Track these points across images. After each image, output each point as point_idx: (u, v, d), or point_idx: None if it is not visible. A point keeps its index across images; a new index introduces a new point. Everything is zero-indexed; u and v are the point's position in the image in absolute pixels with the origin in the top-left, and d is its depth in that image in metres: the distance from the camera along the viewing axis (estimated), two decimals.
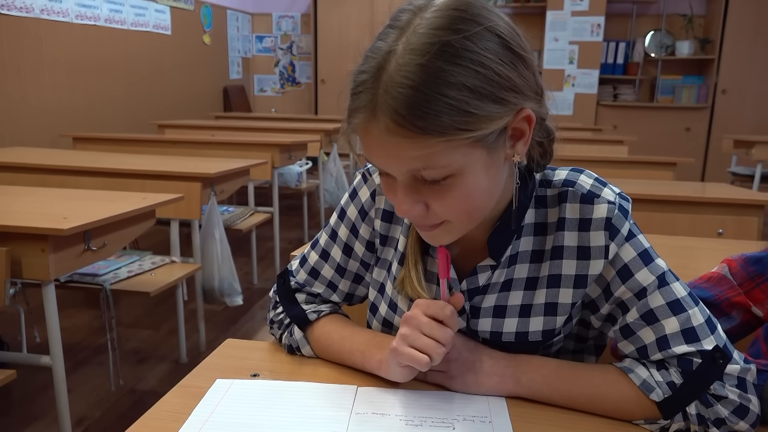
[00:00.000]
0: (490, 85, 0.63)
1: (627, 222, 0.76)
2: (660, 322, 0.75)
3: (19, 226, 1.56)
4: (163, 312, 3.12)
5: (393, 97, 0.62)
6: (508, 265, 0.80)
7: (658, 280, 0.75)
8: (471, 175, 0.67)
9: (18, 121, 3.81)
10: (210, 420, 0.74)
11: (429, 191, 0.68)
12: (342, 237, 0.93)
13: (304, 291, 0.96)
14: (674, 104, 6.51)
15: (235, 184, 2.90)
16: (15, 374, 1.57)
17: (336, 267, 0.94)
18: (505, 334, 0.83)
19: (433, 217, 0.71)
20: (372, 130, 0.65)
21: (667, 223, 1.94)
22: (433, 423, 0.74)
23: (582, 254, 0.78)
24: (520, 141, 0.70)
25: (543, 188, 0.80)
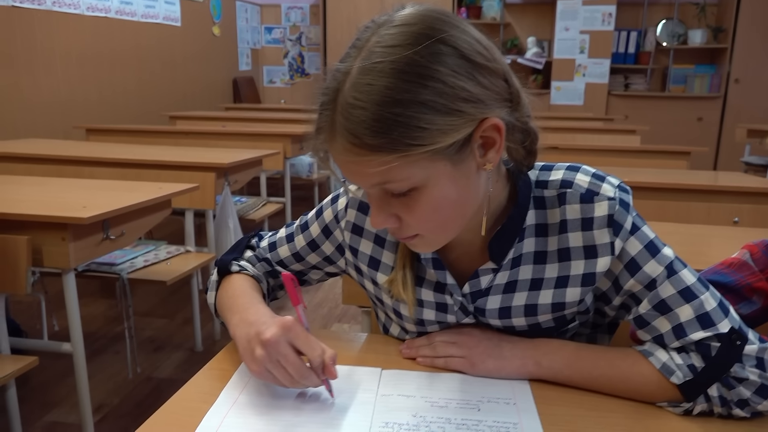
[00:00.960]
0: (441, 98, 0.62)
1: (629, 215, 0.76)
2: (674, 311, 0.76)
3: (39, 215, 1.58)
4: (177, 301, 3.15)
5: (346, 119, 0.63)
6: (511, 267, 0.81)
7: (667, 269, 0.76)
8: (436, 188, 0.67)
9: (32, 113, 3.84)
10: (238, 401, 0.75)
11: (398, 204, 0.69)
12: (312, 233, 0.95)
13: (256, 251, 0.99)
14: (686, 94, 6.46)
15: (248, 175, 2.91)
16: (37, 361, 1.60)
17: (294, 253, 0.97)
18: (518, 326, 0.85)
19: (406, 229, 0.72)
20: (333, 149, 0.67)
21: (681, 212, 1.93)
22: (458, 404, 0.75)
23: (589, 253, 0.78)
24: (492, 149, 0.69)
25: (540, 189, 0.80)
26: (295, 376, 0.72)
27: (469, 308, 0.84)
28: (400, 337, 0.95)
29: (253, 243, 1.01)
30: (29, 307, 2.87)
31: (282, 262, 0.98)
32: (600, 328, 0.91)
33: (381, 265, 0.89)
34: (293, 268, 0.98)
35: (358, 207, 0.89)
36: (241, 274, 0.94)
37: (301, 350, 0.73)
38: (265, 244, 1.00)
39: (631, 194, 0.79)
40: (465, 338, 0.85)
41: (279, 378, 0.73)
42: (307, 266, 0.98)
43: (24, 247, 1.54)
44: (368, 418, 0.72)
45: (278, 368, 0.72)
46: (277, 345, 0.72)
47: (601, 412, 0.75)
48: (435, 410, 0.73)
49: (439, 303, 0.86)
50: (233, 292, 0.90)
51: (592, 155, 2.81)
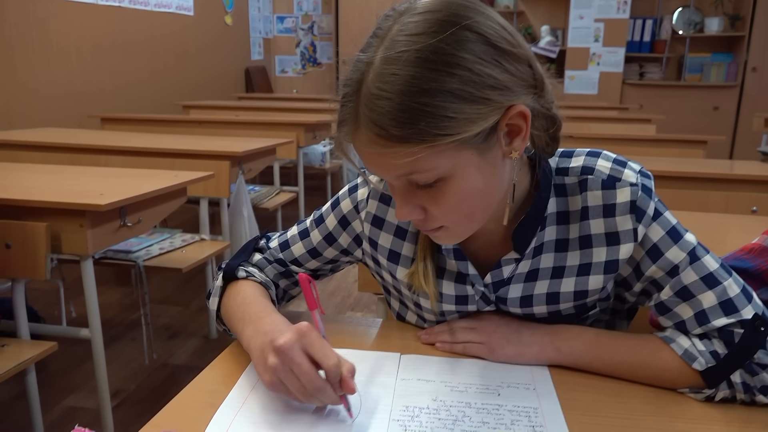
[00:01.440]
0: (468, 86, 0.61)
1: (652, 201, 0.75)
2: (696, 297, 0.75)
3: (58, 202, 1.59)
4: (191, 290, 3.18)
5: (371, 110, 0.62)
6: (533, 256, 0.80)
7: (689, 256, 0.75)
8: (462, 178, 0.66)
9: (47, 103, 3.86)
10: (258, 383, 0.76)
11: (424, 195, 0.68)
12: (328, 225, 0.92)
13: (266, 254, 0.95)
14: (702, 83, 6.39)
15: (261, 163, 2.92)
16: (56, 346, 1.62)
17: (310, 249, 0.93)
18: (538, 314, 0.84)
19: (431, 221, 0.71)
20: (357, 141, 0.66)
21: (699, 201, 1.91)
22: (477, 389, 0.75)
23: (611, 240, 0.77)
24: (518, 137, 0.68)
25: (561, 176, 0.79)
26: (309, 388, 0.65)
27: (490, 297, 0.84)
28: (417, 324, 0.95)
29: (262, 245, 0.97)
30: (46, 295, 2.91)
31: (296, 261, 0.95)
32: (619, 314, 0.91)
33: (401, 258, 0.88)
34: (308, 266, 0.95)
35: (380, 198, 0.88)
36: (249, 280, 0.89)
37: (315, 358, 0.66)
38: (276, 244, 0.96)
39: (653, 179, 0.78)
40: (484, 324, 0.85)
41: (292, 389, 0.66)
42: (323, 261, 0.95)
43: (43, 233, 1.56)
44: (389, 401, 0.72)
45: (291, 378, 0.66)
46: (291, 351, 0.65)
47: (622, 398, 0.74)
48: (455, 395, 0.74)
49: (459, 295, 0.86)
50: (243, 300, 0.85)
51: (607, 144, 2.78)
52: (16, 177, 1.95)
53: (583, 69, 6.41)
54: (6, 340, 1.60)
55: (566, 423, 0.68)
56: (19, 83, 3.63)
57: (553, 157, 0.80)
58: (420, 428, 0.67)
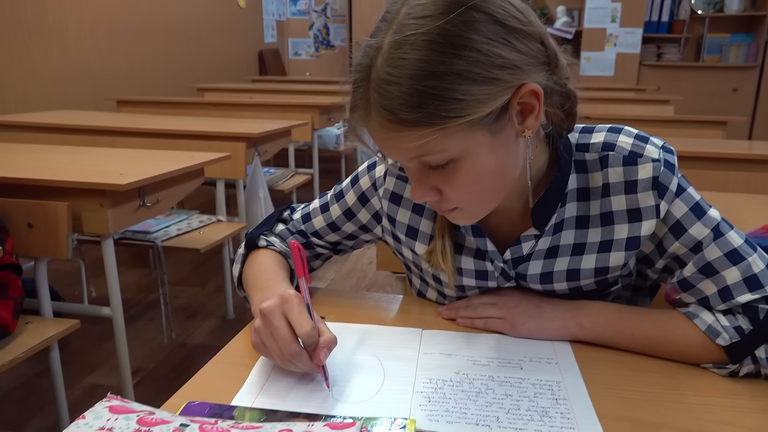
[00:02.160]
0: (476, 67, 0.60)
1: (674, 177, 0.75)
2: (720, 274, 0.75)
3: (79, 182, 1.61)
4: (207, 271, 3.21)
5: (380, 95, 0.62)
6: (553, 233, 0.80)
7: (713, 232, 0.75)
8: (474, 158, 0.66)
9: (63, 85, 3.89)
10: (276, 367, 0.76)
11: (437, 176, 0.68)
12: (348, 201, 0.94)
13: (289, 225, 0.98)
14: (721, 64, 6.27)
15: (277, 145, 2.93)
16: (78, 324, 1.64)
17: (330, 223, 0.96)
18: (559, 290, 0.84)
19: (446, 202, 0.71)
20: (369, 125, 0.67)
21: (719, 181, 1.89)
22: (500, 363, 0.75)
23: (633, 217, 0.77)
24: (531, 116, 0.67)
25: (581, 153, 0.78)
26: (284, 351, 0.67)
27: (510, 274, 0.84)
28: (437, 301, 0.95)
29: (286, 216, 1.00)
30: (66, 276, 2.95)
31: (317, 233, 0.97)
32: (641, 291, 0.91)
33: (419, 234, 0.89)
34: (329, 239, 0.97)
35: (397, 175, 0.88)
36: (268, 249, 0.93)
37: (291, 324, 0.68)
38: (299, 215, 0.98)
39: (676, 155, 0.77)
40: (505, 299, 0.85)
41: (271, 352, 0.69)
42: (343, 236, 0.97)
43: (64, 212, 1.58)
44: (411, 374, 0.73)
45: (271, 340, 0.69)
46: (272, 315, 0.68)
47: (645, 372, 0.74)
48: (477, 368, 0.74)
49: (479, 270, 0.86)
50: (258, 268, 0.88)
51: (623, 125, 2.74)
52: (37, 158, 1.97)
53: (600, 50, 6.32)
54: (30, 318, 1.63)
55: (589, 396, 0.68)
56: (36, 66, 3.65)
57: (574, 133, 0.79)
58: (443, 399, 0.67)
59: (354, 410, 0.65)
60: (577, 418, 0.64)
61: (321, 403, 0.66)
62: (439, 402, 0.67)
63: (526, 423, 0.63)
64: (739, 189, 1.84)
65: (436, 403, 0.66)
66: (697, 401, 0.68)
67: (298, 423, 0.57)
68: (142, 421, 0.53)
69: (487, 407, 0.66)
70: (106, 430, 0.52)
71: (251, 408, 0.65)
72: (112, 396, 0.58)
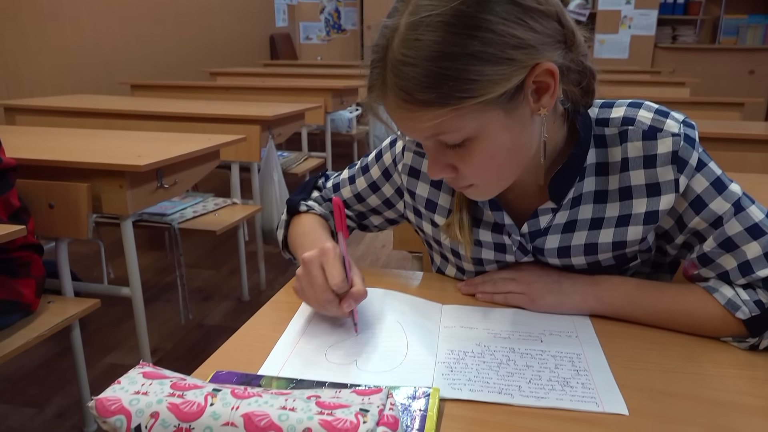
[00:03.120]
0: (490, 47, 0.61)
1: (695, 151, 0.74)
2: (740, 248, 0.75)
3: (98, 163, 1.63)
4: (222, 253, 3.24)
5: (396, 75, 0.63)
6: (571, 207, 0.81)
7: (734, 207, 0.75)
8: (489, 137, 0.67)
9: (78, 69, 3.91)
10: (307, 330, 0.78)
11: (453, 154, 0.70)
12: (372, 175, 0.97)
13: (323, 192, 1.03)
14: (738, 45, 6.20)
15: (290, 128, 2.93)
16: (99, 303, 1.67)
17: (356, 194, 1.00)
18: (577, 265, 0.85)
19: (462, 179, 0.72)
20: (386, 105, 0.68)
21: (736, 162, 1.88)
22: (520, 336, 0.76)
23: (652, 191, 0.77)
24: (546, 94, 0.67)
25: (601, 127, 0.78)
26: (319, 298, 0.74)
27: (527, 247, 0.85)
28: (456, 277, 0.96)
29: (320, 183, 1.05)
30: (84, 258, 2.99)
31: (345, 203, 1.00)
32: (661, 267, 0.91)
33: (438, 208, 0.90)
34: (356, 209, 1.01)
35: (414, 151, 0.90)
36: (309, 213, 0.98)
37: (326, 274, 0.75)
38: (330, 184, 1.03)
39: (697, 129, 0.77)
40: (524, 274, 0.86)
41: (308, 297, 0.77)
42: (368, 208, 1.00)
43: (84, 193, 1.60)
44: (434, 345, 0.74)
45: (308, 287, 0.76)
46: (311, 264, 0.75)
47: (665, 346, 0.75)
48: (498, 341, 0.75)
49: (497, 243, 0.87)
50: (303, 230, 0.95)
51: None
52: (56, 140, 2.00)
53: (614, 32, 6.25)
54: (51, 297, 1.66)
55: (609, 367, 0.69)
56: (51, 50, 3.67)
57: (594, 108, 0.79)
58: (465, 369, 0.68)
59: (378, 380, 0.66)
60: (598, 388, 0.65)
61: (346, 374, 0.68)
62: (462, 372, 0.68)
63: (548, 392, 0.64)
64: (756, 170, 1.83)
65: (459, 373, 0.68)
66: (717, 373, 0.69)
67: (325, 390, 0.58)
68: (176, 386, 0.54)
69: (508, 377, 0.67)
70: (142, 393, 0.53)
71: (278, 377, 0.66)
72: (144, 363, 0.59)
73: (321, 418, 0.50)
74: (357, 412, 0.51)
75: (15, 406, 1.90)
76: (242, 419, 0.51)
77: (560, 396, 0.63)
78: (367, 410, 0.51)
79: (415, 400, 0.61)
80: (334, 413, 0.51)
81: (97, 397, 0.53)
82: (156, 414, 0.52)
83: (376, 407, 0.52)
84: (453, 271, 0.96)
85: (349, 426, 0.49)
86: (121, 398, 0.53)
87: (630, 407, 0.62)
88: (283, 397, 0.54)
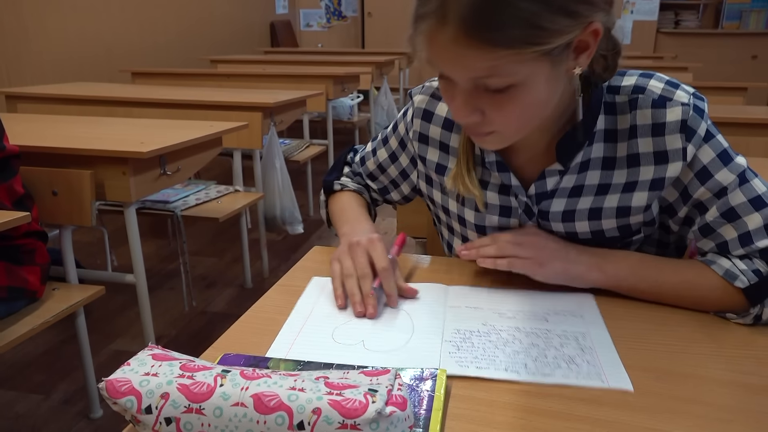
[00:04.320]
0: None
1: (703, 122, 0.75)
2: (742, 219, 0.76)
3: (101, 150, 1.63)
4: (225, 241, 3.24)
5: (462, 5, 0.60)
6: (579, 172, 0.81)
7: (739, 178, 0.75)
8: (532, 87, 0.66)
9: (78, 57, 3.89)
10: (314, 312, 0.78)
11: (488, 100, 0.68)
12: (391, 146, 1.01)
13: (352, 167, 1.09)
14: (741, 30, 6.16)
15: (292, 115, 2.93)
16: (103, 290, 1.68)
17: (378, 165, 1.04)
18: (581, 233, 0.85)
19: (486, 125, 0.71)
20: (439, 38, 0.64)
21: (740, 146, 1.86)
22: (525, 315, 0.77)
23: (659, 159, 0.77)
24: (584, 54, 0.68)
25: (611, 95, 0.78)
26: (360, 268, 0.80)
27: (533, 210, 0.85)
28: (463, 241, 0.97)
29: (349, 158, 1.10)
30: (87, 246, 3.00)
31: (371, 175, 1.06)
32: (667, 248, 0.91)
33: (447, 171, 0.91)
34: (381, 180, 1.05)
35: (422, 116, 0.91)
36: (344, 191, 1.05)
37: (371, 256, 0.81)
38: (358, 158, 1.08)
39: (707, 102, 0.77)
40: (532, 239, 0.83)
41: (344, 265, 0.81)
42: (389, 179, 1.04)
43: (88, 180, 1.60)
44: (440, 325, 0.74)
45: (347, 259, 0.82)
46: (358, 247, 0.82)
47: (670, 326, 0.75)
48: (504, 320, 0.76)
49: (503, 206, 0.87)
50: (341, 207, 1.01)
51: None
52: (58, 128, 1.99)
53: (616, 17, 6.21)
54: (56, 284, 1.66)
55: (615, 346, 0.70)
56: (51, 38, 3.66)
57: None
58: (472, 348, 0.69)
59: (386, 360, 0.67)
60: (603, 366, 0.65)
61: (353, 354, 0.68)
62: (468, 350, 0.68)
63: (554, 370, 0.64)
64: (760, 153, 1.83)
65: (465, 351, 0.68)
66: (723, 353, 0.69)
67: (333, 371, 0.58)
68: (185, 367, 0.55)
69: (515, 355, 0.67)
70: (152, 375, 0.54)
71: (285, 359, 0.67)
72: (153, 346, 0.60)
73: (330, 399, 0.51)
74: (366, 392, 0.51)
75: (21, 392, 1.92)
76: (252, 400, 0.51)
77: (566, 373, 0.64)
78: (375, 390, 0.52)
79: (423, 381, 0.62)
80: (343, 393, 0.51)
81: (107, 379, 0.54)
82: (166, 395, 0.52)
83: (384, 387, 0.52)
84: (459, 244, 0.97)
85: (358, 406, 0.50)
86: (131, 380, 0.54)
87: (635, 387, 0.62)
88: (292, 378, 0.54)
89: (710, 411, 0.58)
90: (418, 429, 0.55)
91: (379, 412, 0.49)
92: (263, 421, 0.50)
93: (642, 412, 0.58)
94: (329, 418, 0.49)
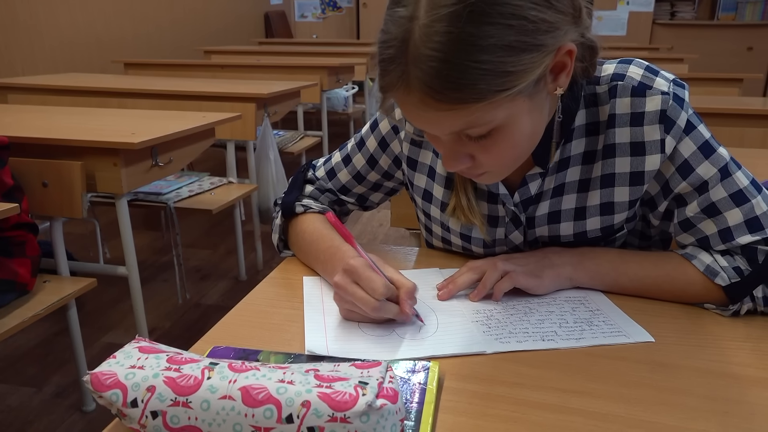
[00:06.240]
0: (525, 35, 0.57)
1: (683, 112, 0.73)
2: (722, 215, 0.75)
3: (92, 140, 1.61)
4: (219, 233, 3.23)
5: (424, 72, 0.57)
6: (559, 170, 0.79)
7: (720, 172, 0.74)
8: (516, 125, 0.64)
9: (70, 48, 3.86)
10: (325, 309, 0.77)
11: (474, 145, 0.66)
12: (369, 148, 0.93)
13: (316, 184, 0.97)
14: (736, 22, 6.15)
15: (286, 106, 2.91)
16: (95, 282, 1.66)
17: (355, 174, 0.95)
18: (563, 236, 0.84)
19: (478, 168, 0.70)
20: (407, 103, 0.62)
21: (735, 137, 1.87)
22: (525, 293, 0.79)
23: (636, 150, 0.75)
24: (562, 73, 0.65)
25: (592, 86, 0.76)
26: (368, 311, 0.69)
27: (521, 218, 0.84)
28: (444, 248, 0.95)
29: (310, 176, 0.99)
30: (80, 238, 2.98)
31: (344, 188, 0.96)
32: (650, 240, 0.91)
33: (437, 176, 0.88)
34: (356, 191, 0.97)
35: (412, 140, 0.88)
36: (308, 214, 0.92)
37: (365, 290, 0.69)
38: (323, 173, 0.97)
39: (688, 90, 0.75)
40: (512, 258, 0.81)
41: (360, 314, 0.71)
42: (368, 186, 0.96)
43: (78, 172, 1.58)
44: (457, 307, 0.76)
45: (354, 306, 0.70)
46: (346, 286, 0.70)
47: (665, 319, 0.75)
48: (510, 296, 0.78)
49: (491, 216, 0.85)
50: (310, 237, 0.88)
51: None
52: (49, 119, 1.97)
53: (612, 9, 6.20)
54: (47, 277, 1.65)
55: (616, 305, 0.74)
56: (42, 29, 3.62)
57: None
58: (500, 324, 0.71)
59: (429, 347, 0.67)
60: (618, 324, 0.70)
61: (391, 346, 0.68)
62: (497, 327, 0.71)
63: (582, 333, 0.69)
64: (755, 144, 1.83)
65: (496, 329, 0.70)
66: (718, 345, 0.69)
67: (324, 363, 0.57)
68: (172, 360, 0.54)
69: (540, 324, 0.71)
70: (138, 368, 0.53)
71: (276, 352, 0.66)
72: (140, 338, 0.59)
73: (320, 391, 0.50)
74: (356, 384, 0.51)
75: (13, 385, 1.91)
76: (240, 393, 0.50)
77: (593, 334, 0.68)
78: (366, 383, 0.51)
79: (415, 374, 0.61)
80: (332, 386, 0.50)
81: (92, 372, 0.53)
82: (152, 388, 0.51)
83: (375, 380, 0.51)
84: (440, 244, 0.95)
85: (348, 398, 0.49)
86: (117, 372, 0.53)
87: (629, 379, 0.62)
88: (281, 371, 0.53)
89: (704, 403, 0.58)
90: (410, 422, 0.55)
91: (370, 405, 0.48)
92: (251, 414, 0.49)
93: (636, 404, 0.58)
94: (318, 411, 0.48)
